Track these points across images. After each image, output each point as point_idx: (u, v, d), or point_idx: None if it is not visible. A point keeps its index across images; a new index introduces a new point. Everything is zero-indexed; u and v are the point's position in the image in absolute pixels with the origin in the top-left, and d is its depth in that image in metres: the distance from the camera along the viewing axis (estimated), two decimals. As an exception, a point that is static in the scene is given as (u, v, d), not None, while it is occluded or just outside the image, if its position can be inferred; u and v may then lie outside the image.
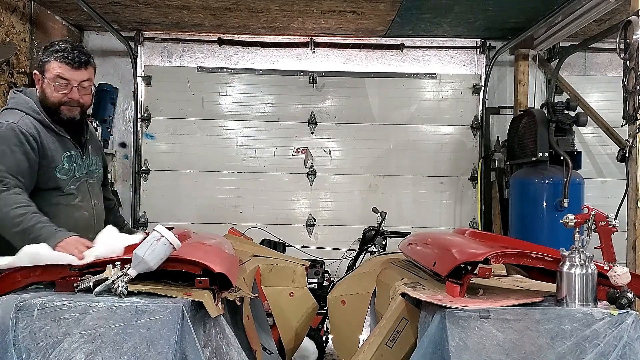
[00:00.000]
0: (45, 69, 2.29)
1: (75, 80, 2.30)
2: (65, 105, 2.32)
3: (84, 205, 2.41)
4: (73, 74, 2.29)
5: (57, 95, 2.30)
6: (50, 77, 2.28)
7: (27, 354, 1.56)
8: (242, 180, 5.58)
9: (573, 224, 1.87)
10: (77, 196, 2.39)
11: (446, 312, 1.70)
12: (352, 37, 5.55)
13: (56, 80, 2.28)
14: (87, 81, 2.34)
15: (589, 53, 5.65)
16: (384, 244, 4.18)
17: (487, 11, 4.68)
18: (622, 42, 3.33)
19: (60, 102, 2.31)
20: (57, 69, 2.27)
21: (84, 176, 2.44)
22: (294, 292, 3.01)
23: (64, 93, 2.30)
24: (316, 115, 5.62)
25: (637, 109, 3.19)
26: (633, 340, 1.68)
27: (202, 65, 5.60)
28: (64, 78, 2.29)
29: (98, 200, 2.54)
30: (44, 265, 1.82)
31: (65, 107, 2.32)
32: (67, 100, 2.31)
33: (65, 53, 2.28)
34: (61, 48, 2.30)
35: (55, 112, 2.32)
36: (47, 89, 2.30)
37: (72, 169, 2.37)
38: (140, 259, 1.70)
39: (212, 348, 1.72)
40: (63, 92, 2.30)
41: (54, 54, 2.28)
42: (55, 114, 2.32)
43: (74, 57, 2.29)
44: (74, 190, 2.37)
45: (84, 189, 2.43)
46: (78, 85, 2.31)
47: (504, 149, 5.38)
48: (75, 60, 2.29)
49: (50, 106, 2.31)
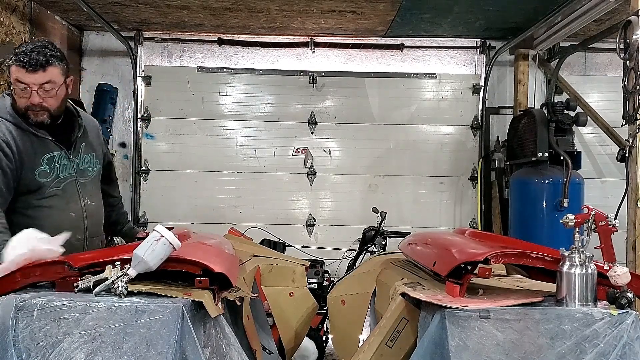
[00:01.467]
0: (10, 74, 2.20)
1: (33, 84, 2.18)
2: (30, 110, 2.22)
3: (70, 207, 2.36)
4: (30, 78, 2.16)
5: (21, 100, 2.21)
6: (13, 82, 2.19)
7: (27, 354, 1.56)
8: (242, 180, 5.58)
9: (573, 224, 1.87)
10: (62, 197, 2.33)
11: (446, 312, 1.70)
12: (352, 37, 5.55)
13: (17, 84, 2.18)
14: (48, 84, 2.20)
15: (588, 53, 5.65)
16: (383, 244, 4.18)
17: (487, 11, 4.68)
18: (622, 42, 3.34)
19: (26, 106, 2.22)
20: (15, 73, 2.17)
21: (71, 176, 2.37)
22: (294, 292, 3.01)
23: (25, 98, 2.20)
24: (316, 115, 5.62)
25: (637, 109, 3.19)
26: (633, 340, 1.68)
27: (202, 65, 5.60)
28: (22, 82, 2.18)
29: (92, 199, 2.47)
30: (44, 265, 1.82)
31: (31, 112, 2.23)
32: (29, 105, 2.21)
33: (22, 55, 2.15)
34: (21, 50, 2.17)
35: (24, 116, 2.24)
36: (15, 93, 2.23)
37: (54, 170, 2.31)
38: (140, 259, 1.70)
39: (212, 348, 1.72)
40: (25, 97, 2.20)
41: (14, 57, 2.17)
42: (24, 118, 2.24)
43: (29, 60, 2.14)
44: (58, 191, 2.32)
45: (71, 190, 2.37)
46: (38, 88, 2.19)
47: (503, 149, 5.38)
48: (32, 63, 2.15)
49: (19, 110, 2.24)
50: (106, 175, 2.71)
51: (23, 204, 2.26)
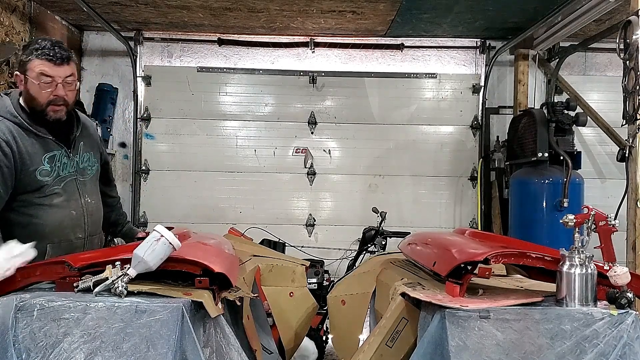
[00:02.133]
0: (28, 68, 2.23)
1: (59, 76, 2.25)
2: (52, 105, 2.26)
3: (70, 205, 2.36)
4: (57, 70, 2.24)
5: (44, 94, 2.24)
6: (34, 76, 2.22)
7: (27, 354, 1.56)
8: (242, 180, 5.58)
9: (573, 224, 1.87)
10: (62, 195, 2.34)
11: (446, 312, 1.70)
12: (352, 37, 5.55)
13: (40, 78, 2.22)
14: (70, 77, 2.29)
15: (588, 53, 5.65)
16: (383, 244, 4.18)
17: (487, 11, 4.68)
18: (622, 42, 3.34)
19: (48, 101, 2.25)
20: (39, 66, 2.22)
21: (71, 175, 2.38)
22: (294, 292, 3.01)
23: (49, 91, 2.24)
24: (316, 115, 5.62)
25: (636, 109, 3.19)
26: (633, 340, 1.68)
27: (202, 65, 5.60)
28: (48, 75, 2.23)
29: (91, 197, 2.48)
30: (44, 265, 1.82)
31: (52, 106, 2.26)
32: (53, 99, 2.25)
33: (47, 50, 2.22)
34: (41, 46, 2.23)
35: (41, 113, 2.26)
36: (32, 89, 2.24)
37: (55, 169, 2.32)
38: (140, 259, 1.70)
39: (212, 348, 1.72)
40: (48, 90, 2.24)
41: (34, 52, 2.22)
42: (41, 115, 2.26)
43: (55, 53, 2.23)
44: (58, 189, 2.32)
45: (71, 188, 2.38)
46: (62, 81, 2.26)
47: (503, 148, 5.38)
48: (57, 56, 2.23)
49: (36, 107, 2.26)
50: (103, 175, 2.71)
51: (24, 202, 2.26)
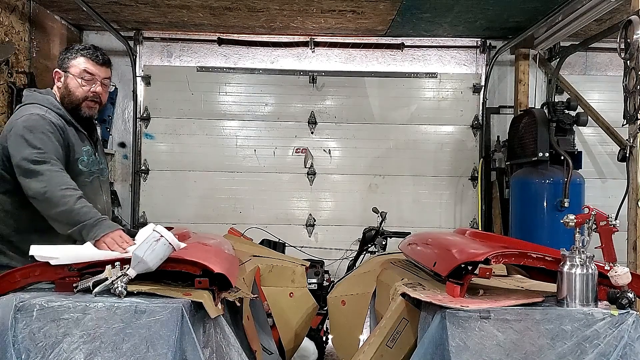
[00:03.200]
0: (70, 65, 2.40)
1: (99, 75, 2.43)
2: (87, 101, 2.41)
3: (97, 200, 2.44)
4: (99, 70, 2.43)
5: (82, 90, 2.39)
6: (76, 73, 2.39)
7: (26, 354, 1.56)
8: (242, 180, 5.58)
9: (573, 224, 1.86)
10: (91, 190, 2.43)
11: (446, 312, 1.69)
12: (352, 36, 5.55)
13: (82, 74, 2.39)
14: (107, 79, 2.48)
15: (589, 53, 5.64)
16: (384, 244, 4.17)
17: (488, 11, 4.68)
18: (623, 42, 3.33)
19: (84, 96, 2.40)
20: (84, 64, 2.40)
21: (97, 172, 2.51)
22: (294, 293, 3.01)
23: (88, 88, 2.40)
24: (316, 115, 5.61)
25: (637, 109, 3.18)
26: (633, 340, 1.68)
27: (201, 64, 5.60)
28: (90, 73, 2.40)
29: (107, 197, 2.59)
30: (43, 265, 1.82)
31: (87, 103, 2.42)
32: (90, 95, 2.41)
33: (91, 51, 2.44)
34: (86, 47, 2.45)
35: (75, 108, 2.41)
36: (72, 84, 2.39)
37: (89, 164, 2.45)
38: (140, 259, 1.70)
39: (212, 348, 1.72)
40: (88, 87, 2.40)
41: (80, 52, 2.42)
42: (76, 110, 2.41)
43: (99, 55, 2.44)
44: (88, 183, 2.43)
45: (96, 185, 2.49)
46: (101, 80, 2.44)
47: (504, 148, 5.37)
48: (101, 58, 2.45)
49: (73, 101, 2.40)
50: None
51: None
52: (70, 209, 2.08)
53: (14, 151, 2.20)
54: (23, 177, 2.17)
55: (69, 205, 2.09)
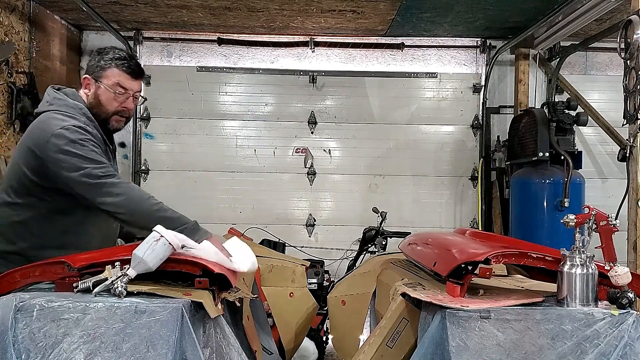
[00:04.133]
0: (103, 76, 2.22)
1: (132, 89, 2.27)
2: (117, 115, 2.26)
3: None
4: (132, 84, 2.26)
5: (114, 104, 2.24)
6: (109, 85, 2.22)
7: (26, 354, 1.56)
8: (242, 180, 5.58)
9: (574, 224, 1.86)
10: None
11: (447, 312, 1.69)
12: (352, 36, 5.55)
13: (115, 88, 2.22)
14: (138, 92, 2.32)
15: (589, 52, 5.65)
16: (384, 244, 4.17)
17: (488, 10, 4.68)
18: (623, 42, 3.33)
19: (115, 111, 2.25)
20: (118, 76, 2.22)
21: None
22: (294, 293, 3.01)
23: (120, 102, 2.25)
24: (316, 115, 5.61)
25: (637, 109, 3.18)
26: (634, 340, 1.68)
27: (201, 64, 5.60)
28: (124, 87, 2.24)
29: None
30: (43, 265, 1.82)
31: (117, 117, 2.27)
32: (121, 110, 2.26)
33: (126, 62, 2.24)
34: (121, 56, 2.25)
35: (104, 121, 2.25)
36: (103, 96, 2.23)
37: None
38: (140, 259, 1.70)
39: (212, 348, 1.71)
40: (120, 101, 2.24)
41: (114, 61, 2.22)
42: (103, 123, 2.25)
43: (134, 67, 2.26)
44: None
45: None
46: (133, 94, 2.28)
47: (504, 148, 5.37)
48: (136, 71, 2.26)
49: (102, 113, 2.24)
50: None
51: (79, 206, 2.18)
52: (163, 217, 1.99)
53: (68, 167, 2.03)
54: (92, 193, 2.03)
55: (161, 214, 2.00)
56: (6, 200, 2.20)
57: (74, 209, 2.19)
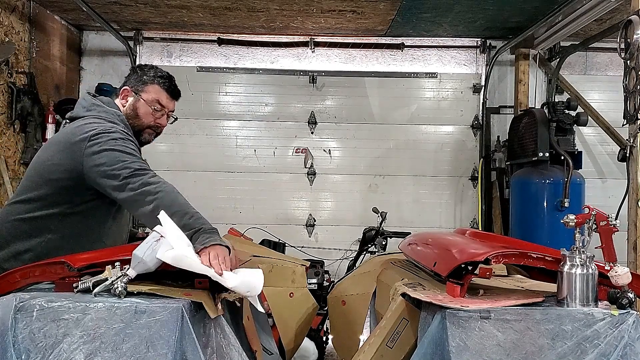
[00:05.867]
0: (144, 90, 2.31)
1: (168, 108, 2.37)
2: (149, 129, 2.35)
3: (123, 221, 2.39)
4: (169, 103, 2.37)
5: (149, 118, 2.32)
6: (149, 99, 2.31)
7: (26, 354, 1.56)
8: (242, 180, 5.58)
9: (574, 224, 1.86)
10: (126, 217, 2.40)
11: (446, 312, 1.69)
12: (352, 36, 5.55)
13: (154, 104, 2.32)
14: (172, 112, 2.42)
15: (589, 52, 5.65)
16: (384, 244, 4.17)
17: (488, 10, 4.68)
18: (623, 42, 3.33)
19: (149, 125, 2.34)
20: (157, 94, 2.32)
21: None
22: (294, 293, 3.00)
23: (155, 117, 2.34)
24: (316, 115, 5.61)
25: (637, 109, 3.18)
26: (634, 340, 1.68)
27: (201, 64, 5.60)
28: (161, 104, 2.33)
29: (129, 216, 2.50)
30: (43, 265, 1.82)
31: (149, 130, 2.35)
32: (154, 125, 2.35)
33: (168, 81, 2.36)
34: (164, 75, 2.37)
35: (137, 133, 2.33)
36: (141, 109, 2.31)
37: None
38: (140, 260, 1.70)
39: (212, 348, 1.71)
40: (155, 116, 2.34)
41: (157, 79, 2.34)
42: (136, 135, 2.32)
43: (174, 89, 2.38)
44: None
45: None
46: (168, 113, 2.38)
47: (504, 148, 5.37)
48: (175, 92, 2.38)
49: (136, 125, 2.32)
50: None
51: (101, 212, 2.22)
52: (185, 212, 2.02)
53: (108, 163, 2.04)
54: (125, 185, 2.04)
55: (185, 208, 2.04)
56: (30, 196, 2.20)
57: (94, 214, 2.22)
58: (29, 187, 2.22)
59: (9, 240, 2.22)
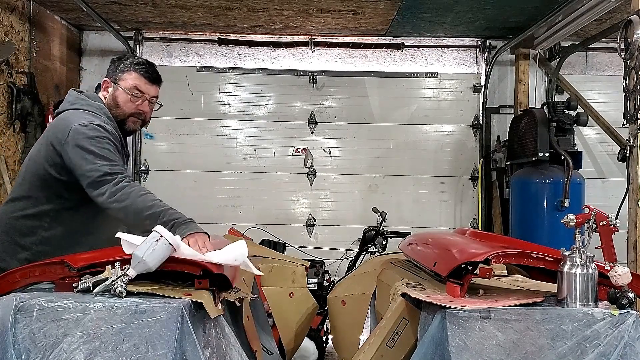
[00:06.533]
0: (122, 78, 2.33)
1: (148, 94, 2.36)
2: (132, 117, 2.36)
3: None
4: (149, 88, 2.36)
5: (130, 106, 2.33)
6: (127, 87, 2.32)
7: (26, 354, 1.56)
8: (242, 180, 5.58)
9: (574, 224, 1.86)
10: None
11: (447, 312, 1.69)
12: (352, 36, 5.55)
13: (132, 91, 2.32)
14: (155, 98, 2.41)
15: (589, 52, 5.65)
16: (384, 244, 4.17)
17: (488, 10, 4.68)
18: (623, 42, 3.33)
19: (130, 113, 2.34)
20: (135, 80, 2.33)
21: None
22: (294, 293, 3.01)
23: (136, 104, 2.34)
24: (316, 115, 5.61)
25: (637, 109, 3.18)
26: (634, 340, 1.68)
27: (201, 64, 5.60)
28: (140, 90, 2.34)
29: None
30: (43, 265, 1.82)
31: (133, 118, 2.36)
32: (136, 112, 2.35)
33: (145, 67, 2.36)
34: (140, 61, 2.38)
35: (121, 122, 2.34)
36: (120, 98, 2.33)
37: None
38: (140, 260, 1.70)
39: (212, 348, 1.71)
40: (135, 104, 2.34)
41: (133, 66, 2.34)
42: (120, 124, 2.34)
43: (152, 72, 2.37)
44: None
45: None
46: (149, 99, 2.37)
47: (504, 148, 5.37)
48: (153, 76, 2.37)
49: (119, 115, 2.33)
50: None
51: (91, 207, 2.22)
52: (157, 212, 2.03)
53: (80, 162, 2.10)
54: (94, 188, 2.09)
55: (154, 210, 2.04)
56: (22, 194, 2.26)
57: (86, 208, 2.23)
58: (21, 185, 2.28)
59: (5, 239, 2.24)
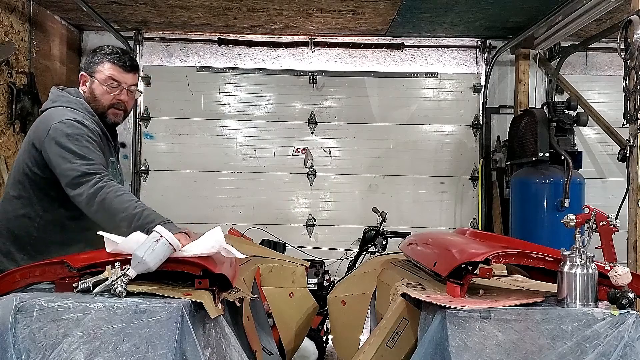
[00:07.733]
0: (97, 71, 2.32)
1: (125, 82, 2.34)
2: (112, 109, 2.34)
3: None
4: (124, 77, 2.33)
5: (107, 97, 2.32)
6: (102, 79, 2.31)
7: (26, 354, 1.56)
8: (242, 180, 5.58)
9: (574, 224, 1.86)
10: None
11: (447, 312, 1.69)
12: (352, 36, 5.55)
13: (108, 81, 2.31)
14: (133, 86, 2.38)
15: (589, 52, 5.65)
16: (384, 244, 4.17)
17: (488, 10, 4.68)
18: (623, 42, 3.33)
19: (109, 104, 2.33)
20: (110, 70, 2.31)
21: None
22: (294, 293, 3.00)
23: (114, 95, 2.32)
24: (316, 115, 5.61)
25: (637, 109, 3.19)
26: (634, 340, 1.68)
27: (201, 64, 5.60)
28: (116, 80, 2.32)
29: None
30: (43, 265, 1.82)
31: (112, 110, 2.34)
32: (115, 103, 2.33)
33: (118, 56, 2.33)
34: (113, 51, 2.35)
35: (101, 115, 2.33)
36: (97, 90, 2.32)
37: (113, 176, 2.34)
38: (140, 260, 1.70)
39: (212, 348, 1.72)
40: (113, 94, 2.32)
41: (107, 57, 2.32)
42: (101, 117, 2.33)
43: (126, 61, 2.34)
44: None
45: None
46: (127, 88, 2.35)
47: (504, 148, 5.37)
48: (128, 64, 2.34)
49: (98, 108, 2.33)
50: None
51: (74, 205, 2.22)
52: (133, 214, 2.02)
53: (58, 161, 2.11)
54: (72, 189, 2.09)
55: (130, 211, 2.02)
56: (12, 194, 2.28)
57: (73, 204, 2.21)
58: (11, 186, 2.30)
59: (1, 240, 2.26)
